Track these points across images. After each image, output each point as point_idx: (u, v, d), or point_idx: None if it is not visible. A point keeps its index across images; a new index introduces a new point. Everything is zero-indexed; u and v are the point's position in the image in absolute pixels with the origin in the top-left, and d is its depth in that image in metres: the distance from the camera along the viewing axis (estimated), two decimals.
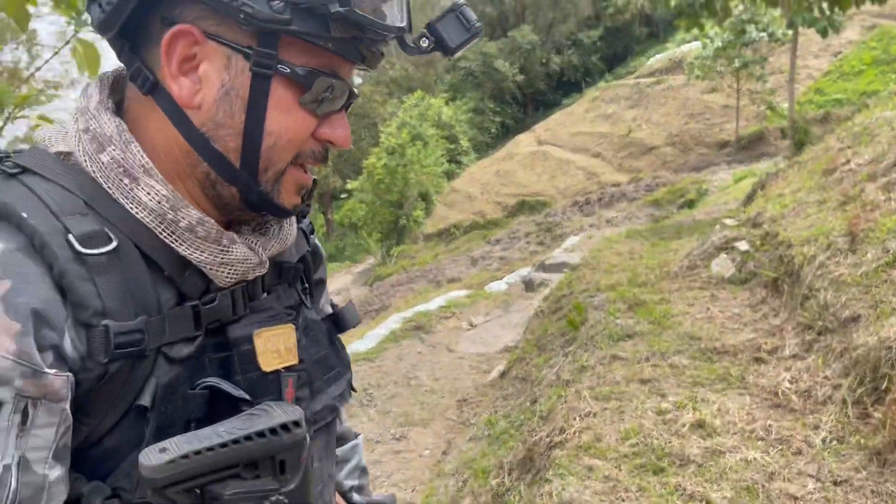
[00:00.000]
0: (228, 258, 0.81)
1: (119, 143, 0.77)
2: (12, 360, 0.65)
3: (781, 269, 5.51)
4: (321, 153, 0.85)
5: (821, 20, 11.80)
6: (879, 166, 5.64)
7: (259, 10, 0.71)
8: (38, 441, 0.68)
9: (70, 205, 0.73)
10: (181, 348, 0.78)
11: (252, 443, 0.70)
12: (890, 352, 3.30)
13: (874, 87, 19.71)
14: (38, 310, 0.67)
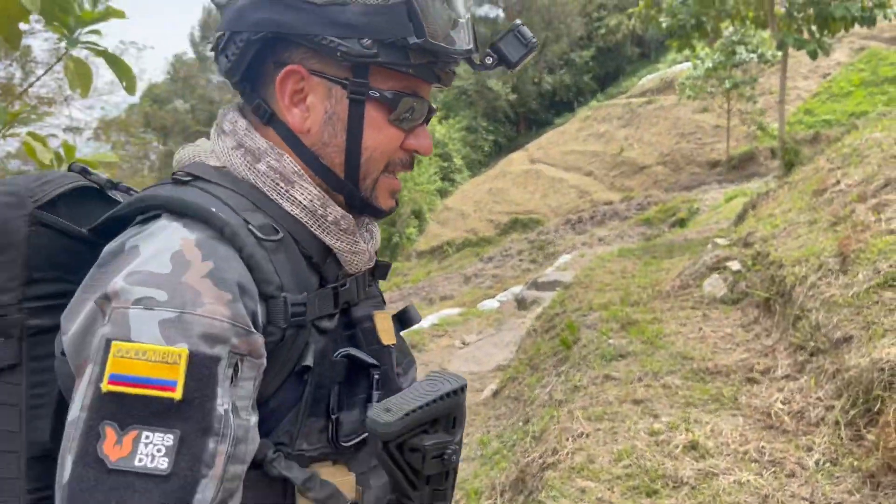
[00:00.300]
0: (357, 248, 0.99)
1: (273, 154, 0.94)
2: (229, 323, 0.78)
3: (773, 289, 5.52)
4: (408, 161, 1.01)
5: (810, 42, 11.93)
6: (869, 187, 5.67)
7: (352, 48, 0.88)
8: (243, 392, 0.81)
9: (241, 203, 0.89)
10: (326, 322, 0.93)
11: (444, 402, 0.87)
12: (882, 373, 3.30)
13: (863, 109, 19.90)
14: (241, 282, 0.81)
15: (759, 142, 21.01)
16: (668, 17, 13.04)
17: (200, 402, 0.76)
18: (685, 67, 24.67)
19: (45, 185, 0.96)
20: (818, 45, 11.90)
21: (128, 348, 0.75)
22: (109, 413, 0.74)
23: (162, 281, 0.78)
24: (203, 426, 0.76)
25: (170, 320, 0.76)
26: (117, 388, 0.74)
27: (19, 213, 0.92)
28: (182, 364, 0.75)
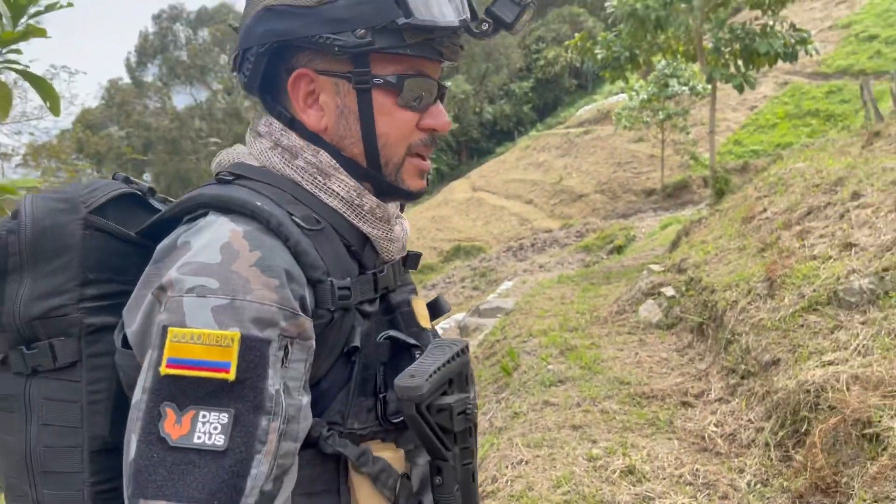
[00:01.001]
0: (393, 236, 1.03)
1: (309, 151, 0.99)
2: (277, 307, 0.82)
3: (706, 313, 5.66)
4: (429, 139, 1.03)
5: (736, 77, 12.43)
6: (793, 215, 5.90)
7: (347, 41, 0.92)
8: (294, 373, 0.84)
9: (283, 197, 0.94)
10: (368, 306, 0.97)
11: (456, 361, 0.93)
12: (808, 395, 3.40)
13: (788, 140, 20.79)
14: (288, 269, 0.85)
15: (692, 171, 21.71)
16: (602, 50, 13.42)
17: (253, 381, 0.80)
18: (621, 99, 25.40)
19: (94, 191, 1.00)
20: (744, 79, 12.40)
21: (183, 333, 0.80)
22: (169, 394, 0.79)
23: (213, 270, 0.82)
24: (256, 404, 0.79)
25: (222, 306, 0.80)
26: (175, 370, 0.79)
27: (74, 217, 0.96)
28: (235, 346, 0.79)
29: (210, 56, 48.70)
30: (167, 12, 50.28)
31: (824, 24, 26.50)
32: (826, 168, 6.70)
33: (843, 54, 24.15)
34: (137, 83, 51.08)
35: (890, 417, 2.85)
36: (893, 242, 4.16)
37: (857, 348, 3.51)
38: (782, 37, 12.27)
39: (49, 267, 0.94)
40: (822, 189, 6.02)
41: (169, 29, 50.19)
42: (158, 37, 49.73)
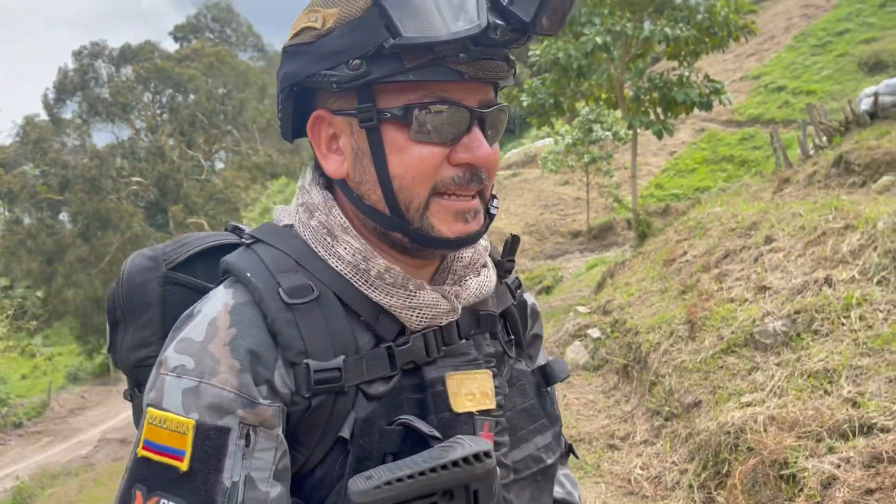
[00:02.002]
0: (416, 302, 0.88)
1: (324, 209, 0.91)
2: (235, 393, 0.78)
3: (630, 355, 5.76)
4: (464, 177, 0.86)
5: (656, 123, 12.94)
6: (712, 258, 6.11)
7: (342, 75, 0.81)
8: (260, 463, 0.78)
9: (284, 264, 0.88)
10: (378, 386, 0.85)
11: (448, 472, 0.76)
12: (729, 436, 3.47)
13: (706, 184, 21.70)
14: (254, 350, 0.80)
15: (616, 213, 22.33)
16: (528, 97, 13.78)
17: (205, 474, 0.76)
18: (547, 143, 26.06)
19: (181, 247, 1.02)
20: (663, 126, 12.91)
21: (157, 416, 0.79)
22: (141, 476, 0.78)
23: (194, 349, 0.81)
24: (206, 498, 0.76)
25: (190, 389, 0.79)
26: (147, 453, 0.79)
27: (155, 275, 0.99)
28: (189, 435, 0.77)
29: (133, 94, 47.63)
30: (88, 49, 49.04)
31: (736, 75, 27.99)
32: (741, 213, 6.99)
33: (753, 104, 25.51)
34: (55, 120, 49.42)
35: (805, 458, 2.93)
36: (804, 286, 4.34)
37: (772, 389, 3.62)
38: (698, 87, 12.86)
39: (140, 321, 0.99)
40: (737, 233, 6.27)
41: (90, 65, 48.90)
42: (79, 73, 48.37)
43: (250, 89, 47.46)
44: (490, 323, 0.98)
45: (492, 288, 0.98)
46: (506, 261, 1.05)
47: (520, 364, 1.03)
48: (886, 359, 3.28)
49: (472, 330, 0.96)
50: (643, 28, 12.49)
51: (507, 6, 0.79)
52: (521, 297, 1.09)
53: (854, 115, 10.64)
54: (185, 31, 57.04)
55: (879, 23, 25.74)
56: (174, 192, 43.41)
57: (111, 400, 28.96)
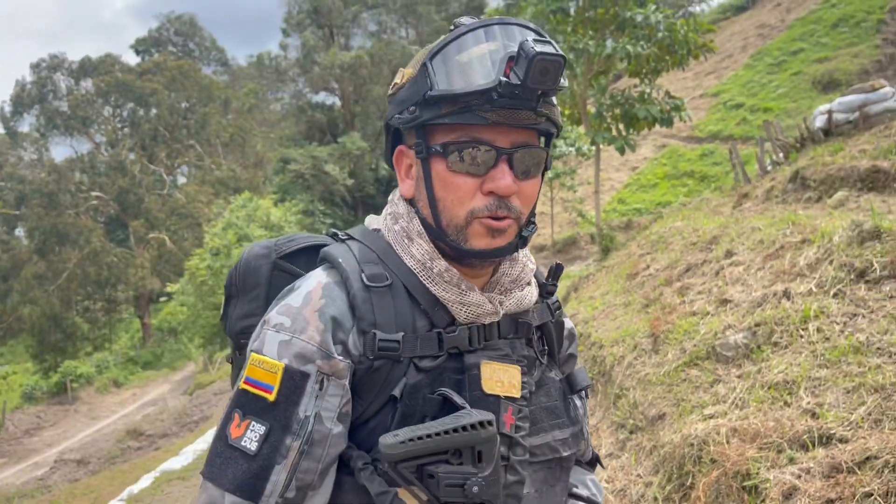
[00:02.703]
0: (465, 300, 1.10)
1: (406, 217, 1.15)
2: (317, 348, 1.02)
3: (595, 369, 5.79)
4: (495, 204, 1.07)
5: (618, 139, 13.12)
6: (674, 272, 6.19)
7: (402, 118, 1.08)
8: (328, 404, 1.01)
9: (367, 256, 1.12)
10: (427, 362, 1.07)
11: (458, 434, 0.96)
12: (692, 448, 3.51)
13: (667, 199, 22.05)
14: (336, 317, 1.04)
15: (580, 227, 22.56)
16: None
17: (286, 405, 1.00)
18: None
19: (289, 242, 1.30)
20: (625, 141, 13.10)
21: (258, 359, 1.04)
22: (239, 403, 1.03)
23: (292, 312, 1.06)
24: (284, 424, 0.99)
25: (285, 341, 1.03)
26: (246, 386, 1.03)
27: (267, 261, 1.27)
28: (279, 374, 1.01)
29: (93, 107, 46.82)
30: (47, 61, 48.14)
31: (696, 92, 28.57)
32: (702, 227, 7.11)
33: (713, 120, 26.05)
34: (11, 133, 48.38)
35: (766, 469, 2.97)
36: (763, 299, 4.42)
37: (734, 401, 3.67)
38: (659, 103, 13.08)
39: (250, 295, 1.27)
40: (698, 247, 6.37)
41: (49, 78, 47.98)
42: (37, 86, 47.41)
43: (214, 103, 46.98)
44: (526, 330, 1.18)
45: (532, 302, 1.20)
46: (549, 284, 1.26)
47: (550, 372, 1.23)
48: (843, 370, 3.35)
49: (510, 333, 1.16)
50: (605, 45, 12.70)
51: (514, 69, 0.99)
52: (559, 318, 1.30)
53: (809, 132, 10.92)
54: (146, 45, 56.31)
55: (832, 42, 26.54)
56: (135, 206, 42.65)
57: (68, 420, 28.21)
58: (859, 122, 9.96)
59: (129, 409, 28.00)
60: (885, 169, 6.47)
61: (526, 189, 1.09)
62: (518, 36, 1.02)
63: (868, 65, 23.75)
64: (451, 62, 1.03)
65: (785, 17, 30.87)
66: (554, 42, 1.02)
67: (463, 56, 1.03)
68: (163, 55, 51.06)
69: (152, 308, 42.09)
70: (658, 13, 12.73)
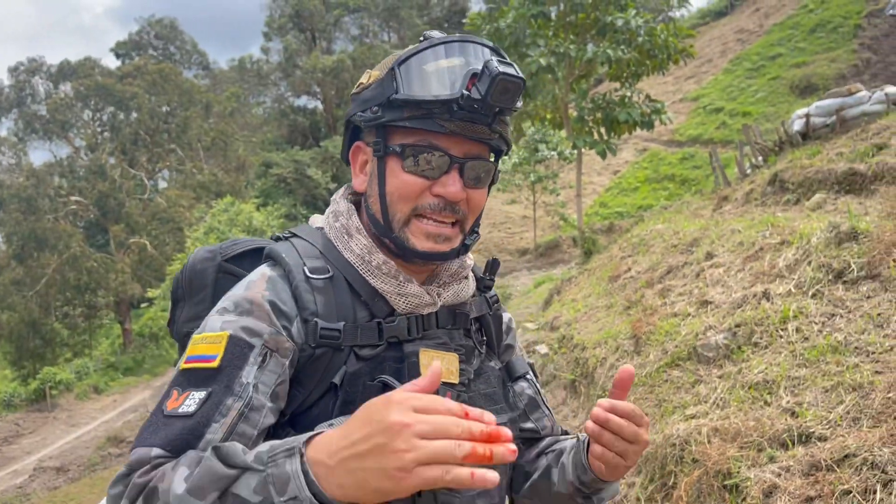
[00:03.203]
0: (404, 291, 1.15)
1: (346, 215, 1.21)
2: (266, 324, 1.06)
3: (578, 370, 5.82)
4: (438, 204, 1.13)
5: (599, 143, 13.20)
6: (655, 274, 6.24)
7: (365, 116, 1.13)
8: (266, 379, 1.04)
9: (310, 252, 1.18)
10: (367, 351, 1.11)
11: None
12: (674, 448, 3.53)
13: (648, 202, 22.19)
14: (281, 304, 1.09)
15: (563, 231, 22.65)
16: None
17: (230, 370, 1.02)
18: None
19: (234, 245, 1.33)
20: (606, 145, 13.18)
21: (200, 338, 1.07)
22: (179, 382, 1.05)
23: (235, 297, 1.11)
24: (226, 385, 1.01)
25: (229, 320, 1.07)
26: (186, 365, 1.05)
27: (212, 264, 1.30)
28: (223, 343, 1.04)
29: (72, 111, 46.35)
30: (25, 65, 47.63)
31: (676, 96, 28.81)
32: (682, 230, 7.16)
33: (693, 124, 26.28)
34: None
35: (747, 468, 3.00)
36: (743, 300, 4.47)
37: (715, 401, 3.70)
38: (639, 107, 13.18)
39: (196, 298, 1.30)
40: (679, 249, 6.42)
41: (27, 82, 47.46)
42: (15, 89, 46.87)
43: (195, 107, 46.66)
44: (464, 320, 1.24)
45: (469, 294, 1.26)
46: (487, 278, 1.33)
47: (490, 361, 1.29)
48: (822, 369, 3.39)
49: (448, 324, 1.21)
50: (586, 50, 12.78)
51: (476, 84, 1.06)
52: (497, 311, 1.36)
53: (787, 136, 11.05)
54: (127, 48, 55.89)
55: (809, 48, 26.89)
56: (115, 211, 42.22)
57: (47, 427, 27.86)
58: (836, 126, 10.10)
59: (110, 416, 27.70)
60: (862, 171, 6.56)
61: (473, 196, 1.16)
62: (481, 54, 1.10)
63: (845, 69, 24.10)
64: (417, 70, 1.09)
65: (763, 23, 31.23)
66: (515, 65, 1.10)
67: (429, 66, 1.09)
68: (143, 58, 50.67)
69: (133, 313, 41.66)
70: (638, 18, 12.84)
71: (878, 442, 2.68)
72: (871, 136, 7.79)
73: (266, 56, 56.27)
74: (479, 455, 0.78)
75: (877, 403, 2.90)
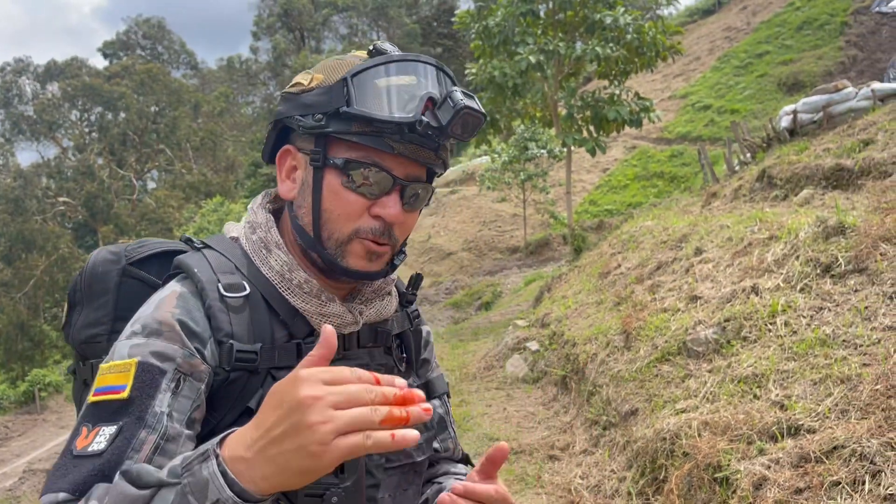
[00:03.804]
0: (326, 311, 1.09)
1: (265, 227, 1.13)
2: (177, 347, 0.98)
3: (568, 366, 5.83)
4: (380, 228, 1.08)
5: (589, 141, 13.23)
6: (644, 270, 6.26)
7: (307, 122, 1.05)
8: (181, 406, 0.96)
9: (224, 266, 1.09)
10: (285, 373, 0.96)
11: None
12: (665, 442, 3.55)
13: (638, 199, 22.26)
14: (193, 325, 1.00)
15: (553, 229, 22.68)
16: None
17: (141, 400, 0.94)
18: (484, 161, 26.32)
19: (141, 247, 1.24)
20: (596, 143, 13.21)
21: (107, 367, 0.98)
22: (88, 416, 0.96)
23: (144, 317, 1.01)
24: (138, 417, 0.93)
25: (137, 344, 0.98)
26: (95, 398, 0.96)
27: (115, 267, 1.21)
28: (132, 371, 0.95)
29: (60, 112, 46.03)
30: (12, 65, 47.27)
31: (664, 94, 28.91)
32: (672, 226, 7.19)
33: (681, 122, 26.37)
34: None
35: (737, 460, 3.02)
36: (732, 295, 4.49)
37: (705, 395, 3.72)
38: (628, 105, 13.22)
39: (96, 303, 1.20)
40: (668, 245, 6.44)
41: (14, 82, 47.10)
42: (1, 90, 46.53)
43: (183, 107, 46.45)
44: (385, 338, 1.19)
45: (391, 311, 1.20)
46: (409, 293, 1.28)
47: (408, 378, 1.24)
48: (811, 362, 3.42)
49: (369, 342, 1.17)
50: (575, 48, 12.80)
51: (434, 111, 1.03)
52: (417, 326, 1.32)
53: (775, 133, 11.11)
54: (114, 48, 55.53)
55: (797, 45, 27.04)
56: (104, 212, 41.99)
57: (37, 430, 27.68)
58: (823, 122, 10.16)
59: None
60: (849, 167, 6.60)
61: (408, 220, 1.11)
62: (431, 74, 1.07)
63: (832, 66, 24.25)
64: (370, 85, 1.04)
65: (751, 20, 31.38)
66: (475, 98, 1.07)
67: (381, 81, 1.05)
68: (131, 58, 50.41)
69: None
70: (627, 16, 12.87)
71: (866, 433, 2.70)
72: (858, 131, 7.85)
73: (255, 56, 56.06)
74: (397, 417, 0.77)
75: (864, 395, 2.92)
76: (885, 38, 25.12)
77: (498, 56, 13.36)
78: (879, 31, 25.65)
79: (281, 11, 53.08)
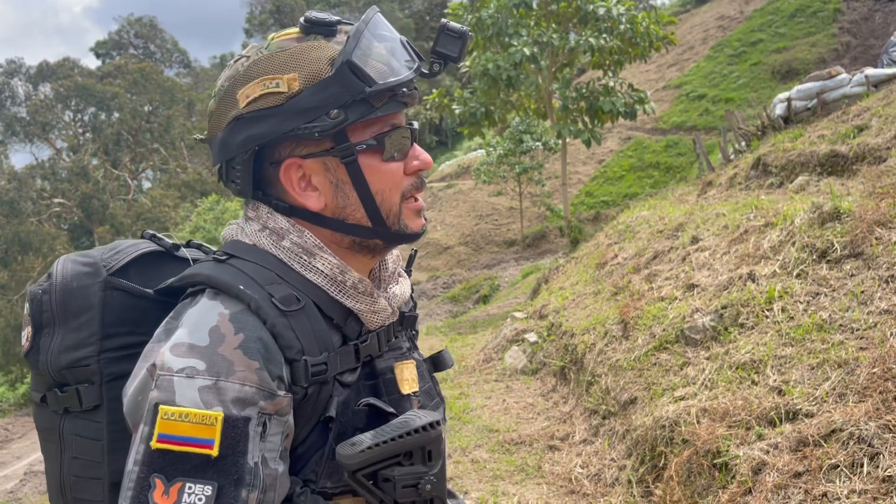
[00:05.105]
0: (377, 307, 1.09)
1: (294, 232, 1.06)
2: (256, 388, 0.91)
3: (567, 357, 5.84)
4: (418, 182, 1.10)
5: (584, 132, 13.23)
6: (641, 259, 6.27)
7: (324, 125, 0.99)
8: (271, 445, 0.93)
9: (266, 277, 1.02)
10: (348, 376, 1.05)
11: (411, 437, 0.98)
12: (664, 430, 3.56)
13: (634, 190, 22.27)
14: (266, 351, 0.94)
15: (549, 221, 22.69)
16: (459, 106, 13.89)
17: (234, 457, 0.89)
18: (479, 154, 26.30)
19: (116, 254, 1.13)
20: (591, 134, 13.21)
21: (173, 412, 0.88)
22: (159, 467, 0.87)
23: (201, 352, 0.91)
24: (236, 478, 0.89)
25: (207, 387, 0.90)
26: (164, 445, 0.88)
27: (95, 280, 1.09)
28: (218, 425, 0.88)
29: (53, 112, 45.88)
30: (4, 66, 47.11)
31: (659, 84, 28.88)
32: (668, 215, 7.19)
33: (676, 112, 26.37)
34: None
35: (736, 446, 3.03)
36: (729, 282, 4.50)
37: (703, 382, 3.73)
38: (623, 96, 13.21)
39: (75, 323, 1.08)
40: (665, 235, 6.45)
41: (6, 84, 46.93)
42: None
43: (177, 106, 46.31)
44: (412, 322, 1.21)
45: (409, 292, 1.21)
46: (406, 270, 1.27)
47: (417, 354, 1.25)
48: (808, 347, 3.43)
49: (398, 328, 1.17)
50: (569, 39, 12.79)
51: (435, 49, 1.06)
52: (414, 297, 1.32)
53: (769, 120, 11.12)
54: (107, 48, 55.35)
55: (790, 33, 27.02)
56: (99, 212, 41.89)
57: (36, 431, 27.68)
58: (817, 109, 10.17)
59: None
60: (843, 153, 6.61)
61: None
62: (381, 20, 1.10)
63: (825, 53, 24.25)
64: (373, 55, 1.01)
65: (744, 9, 31.34)
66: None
67: (377, 48, 1.03)
68: (124, 58, 50.25)
69: None
70: (620, 6, 12.85)
71: (863, 416, 2.71)
72: (852, 118, 7.85)
73: None
74: None
75: (862, 379, 2.93)
76: (877, 24, 25.12)
77: (491, 48, 13.34)
78: (872, 18, 25.65)
79: (273, 8, 52.92)
